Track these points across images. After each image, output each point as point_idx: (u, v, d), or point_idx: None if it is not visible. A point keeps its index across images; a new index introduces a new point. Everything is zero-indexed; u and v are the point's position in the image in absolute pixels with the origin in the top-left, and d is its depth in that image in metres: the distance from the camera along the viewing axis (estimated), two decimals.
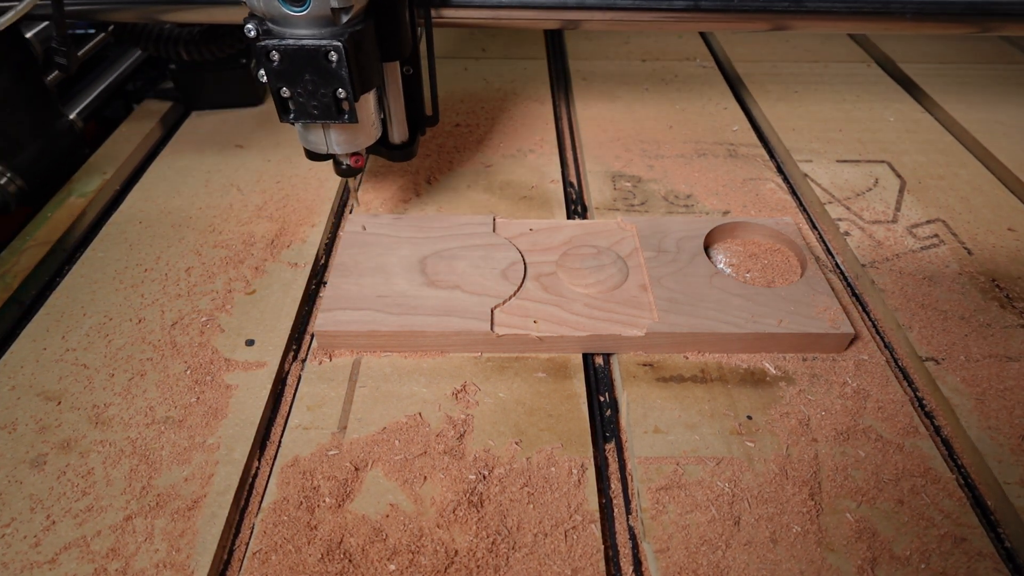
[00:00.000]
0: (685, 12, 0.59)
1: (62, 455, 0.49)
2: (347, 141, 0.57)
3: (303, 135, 0.57)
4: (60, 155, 0.81)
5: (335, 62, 0.49)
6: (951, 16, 0.60)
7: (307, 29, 0.49)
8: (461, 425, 0.51)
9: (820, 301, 0.58)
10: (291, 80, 0.50)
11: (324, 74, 0.50)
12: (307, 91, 0.51)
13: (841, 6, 0.60)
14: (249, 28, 0.49)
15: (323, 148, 0.57)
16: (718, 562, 0.43)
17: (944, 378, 0.55)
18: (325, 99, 0.51)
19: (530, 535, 0.45)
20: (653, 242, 0.65)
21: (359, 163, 0.60)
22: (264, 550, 0.44)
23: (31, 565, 0.43)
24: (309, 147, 0.58)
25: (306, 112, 0.52)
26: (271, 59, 0.49)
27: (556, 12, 0.61)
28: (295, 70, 0.50)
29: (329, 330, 0.56)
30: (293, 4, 0.47)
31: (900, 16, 0.60)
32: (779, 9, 0.60)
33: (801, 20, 0.61)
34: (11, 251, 0.68)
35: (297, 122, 0.54)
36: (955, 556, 0.44)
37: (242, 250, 0.68)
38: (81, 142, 0.84)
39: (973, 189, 0.77)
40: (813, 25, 0.61)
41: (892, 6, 0.60)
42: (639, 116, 0.92)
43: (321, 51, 0.48)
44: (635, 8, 0.59)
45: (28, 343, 0.58)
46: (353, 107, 0.52)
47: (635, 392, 0.54)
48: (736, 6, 0.59)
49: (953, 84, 0.99)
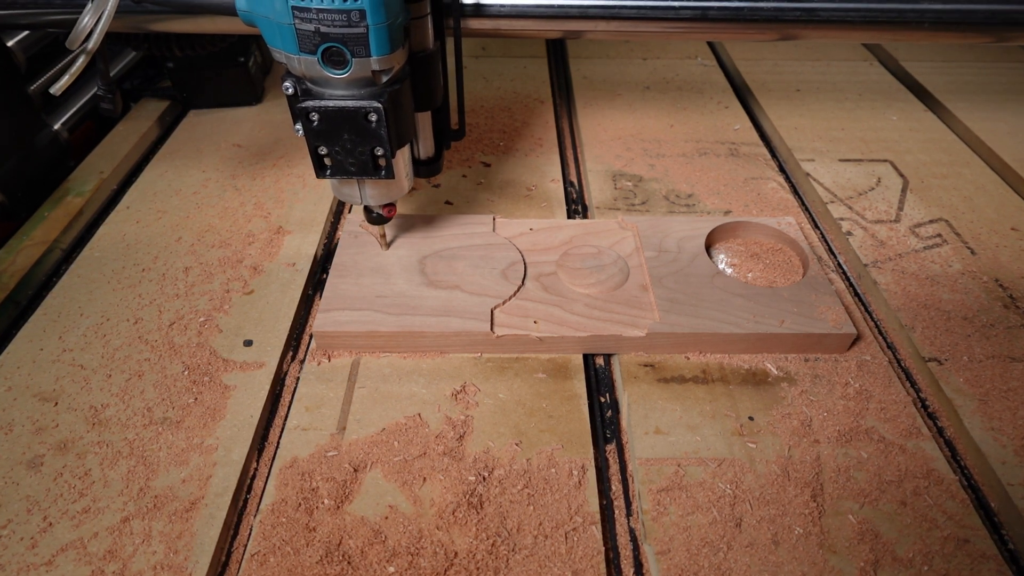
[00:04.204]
0: (693, 21, 0.58)
1: (59, 456, 0.49)
2: (381, 195, 0.57)
3: (336, 187, 0.57)
4: (43, 167, 0.77)
5: (375, 122, 0.49)
6: (971, 25, 0.58)
7: (347, 90, 0.48)
8: (461, 426, 0.51)
9: (822, 301, 0.58)
10: (329, 139, 0.50)
11: (363, 133, 0.49)
12: (345, 149, 0.51)
13: (855, 15, 0.57)
14: (287, 86, 0.49)
15: (357, 201, 0.57)
16: (719, 564, 0.43)
17: (947, 379, 0.55)
18: (363, 157, 0.51)
19: (530, 537, 0.45)
20: (654, 242, 0.64)
21: (391, 213, 0.59)
22: (262, 552, 0.44)
23: (28, 567, 0.43)
24: (342, 199, 0.58)
25: (343, 169, 0.52)
26: (311, 120, 0.49)
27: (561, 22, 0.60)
28: (334, 130, 0.49)
29: (328, 330, 0.56)
30: (335, 67, 0.47)
31: (917, 25, 0.58)
32: (791, 18, 0.58)
33: (813, 29, 0.59)
34: (8, 250, 0.68)
35: (334, 178, 0.54)
36: (958, 558, 0.44)
37: (240, 250, 0.68)
38: (66, 153, 0.81)
39: (976, 188, 0.77)
40: (826, 34, 0.59)
41: (908, 15, 0.57)
42: (640, 115, 0.92)
43: (361, 112, 0.48)
44: (644, 18, 0.58)
45: (25, 343, 0.58)
46: (390, 163, 0.52)
47: (636, 393, 0.54)
48: (746, 15, 0.57)
49: (956, 83, 0.98)
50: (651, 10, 0.58)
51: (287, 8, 0.44)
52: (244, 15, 0.48)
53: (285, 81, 0.49)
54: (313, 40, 0.45)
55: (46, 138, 0.79)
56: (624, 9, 0.57)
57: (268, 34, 0.47)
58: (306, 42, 0.46)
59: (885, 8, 0.57)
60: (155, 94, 0.94)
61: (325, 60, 0.47)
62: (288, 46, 0.47)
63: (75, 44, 0.51)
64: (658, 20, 0.58)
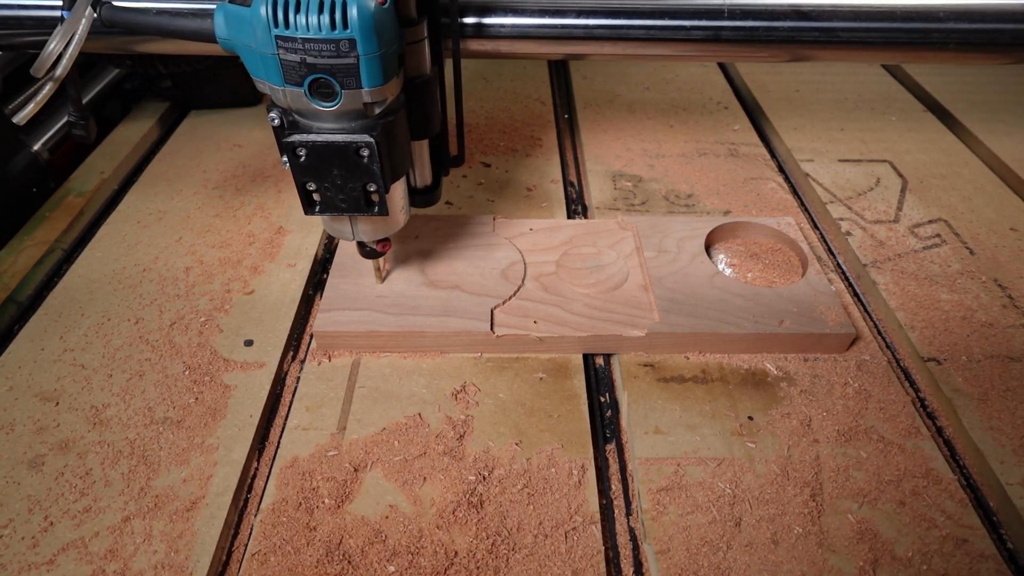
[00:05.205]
0: (705, 43, 0.54)
1: (60, 456, 0.49)
2: (375, 231, 0.53)
3: (327, 222, 0.54)
4: (21, 190, 0.73)
5: (366, 157, 0.45)
6: (998, 47, 0.54)
7: (336, 123, 0.45)
8: (461, 426, 0.51)
9: (822, 301, 0.58)
10: (318, 175, 0.47)
11: (354, 168, 0.46)
12: (335, 185, 0.47)
13: (877, 36, 0.53)
14: (273, 117, 0.45)
15: (349, 237, 0.54)
16: (719, 563, 0.43)
17: (946, 378, 0.55)
18: (354, 193, 0.48)
19: (530, 536, 0.45)
20: (654, 242, 0.64)
21: (386, 248, 0.56)
22: (263, 551, 0.44)
23: (29, 566, 0.43)
24: (333, 234, 0.55)
25: (333, 206, 0.49)
26: (297, 155, 0.45)
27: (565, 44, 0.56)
28: (323, 165, 0.46)
29: (328, 330, 0.56)
30: (323, 99, 0.43)
31: (942, 47, 0.54)
32: (809, 39, 0.54)
33: (833, 51, 0.55)
34: (9, 250, 0.68)
35: (323, 215, 0.50)
36: (957, 557, 0.44)
37: (241, 250, 0.68)
38: (47, 175, 0.77)
39: (975, 189, 0.77)
40: (846, 56, 0.55)
41: (933, 35, 0.53)
42: (639, 115, 0.92)
43: (352, 147, 0.45)
44: (653, 39, 0.55)
45: (26, 343, 0.58)
46: (384, 199, 0.48)
47: (636, 393, 0.54)
48: (761, 36, 0.53)
49: (955, 83, 0.98)
50: (661, 31, 0.54)
51: (270, 37, 0.41)
52: (224, 43, 0.44)
53: (271, 112, 0.45)
54: (299, 71, 0.42)
55: (24, 160, 0.75)
56: (632, 30, 0.54)
57: (250, 64, 0.43)
58: (291, 73, 0.42)
59: (908, 28, 0.54)
60: (156, 95, 0.94)
61: (312, 92, 0.43)
62: (272, 77, 0.43)
63: (40, 72, 0.48)
64: (668, 42, 0.55)
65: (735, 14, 0.54)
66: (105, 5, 0.49)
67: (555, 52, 0.56)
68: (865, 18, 0.54)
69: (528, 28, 0.55)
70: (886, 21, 0.54)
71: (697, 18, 0.54)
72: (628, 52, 0.56)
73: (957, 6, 0.54)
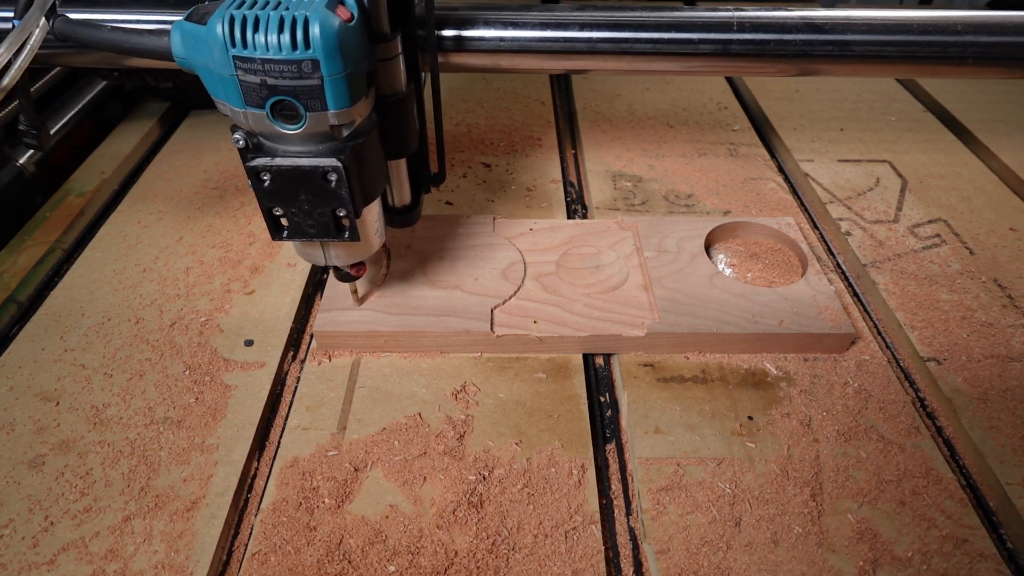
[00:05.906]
0: (713, 57, 0.51)
1: (60, 456, 0.49)
2: (348, 255, 0.51)
3: (298, 247, 0.51)
4: (5, 206, 0.72)
5: (334, 182, 0.43)
6: (1018, 61, 0.51)
7: (302, 146, 0.43)
8: (461, 426, 0.51)
9: (821, 301, 0.58)
10: (284, 200, 0.44)
11: (321, 194, 0.44)
12: (302, 210, 0.45)
13: (893, 50, 0.51)
14: (237, 139, 0.43)
15: (321, 262, 0.51)
16: (719, 563, 0.43)
17: (946, 378, 0.55)
18: (323, 218, 0.45)
19: (530, 536, 0.45)
20: (654, 242, 0.64)
21: (360, 272, 0.54)
22: (263, 551, 0.44)
23: (29, 566, 0.43)
24: (305, 259, 0.52)
25: (302, 231, 0.46)
26: (261, 179, 0.43)
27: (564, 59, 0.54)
28: (288, 189, 0.44)
29: (328, 330, 0.56)
30: (287, 122, 0.41)
31: (960, 61, 0.51)
32: (822, 53, 0.51)
33: (846, 65, 0.52)
34: (9, 250, 0.68)
35: (291, 240, 0.48)
36: (956, 557, 0.44)
37: (241, 250, 0.68)
38: (32, 190, 0.74)
39: (975, 189, 0.77)
40: (860, 71, 0.53)
41: (951, 49, 0.51)
42: (639, 115, 0.92)
43: (318, 171, 0.42)
44: (659, 54, 0.52)
45: (26, 343, 0.58)
46: (354, 224, 0.46)
47: (636, 392, 0.54)
48: (772, 50, 0.50)
49: (955, 83, 0.98)
50: (667, 44, 0.52)
51: (228, 58, 0.38)
52: (182, 62, 0.42)
53: (235, 134, 0.43)
54: (260, 93, 0.40)
55: (8, 174, 0.73)
56: (637, 43, 0.52)
57: (210, 85, 0.41)
58: (252, 95, 0.40)
59: (925, 41, 0.51)
60: (156, 95, 0.94)
61: (275, 115, 0.41)
62: (232, 99, 0.41)
63: None
64: (675, 56, 0.52)
65: (745, 27, 0.51)
66: (60, 18, 0.47)
67: (554, 67, 0.54)
68: (880, 31, 0.51)
69: (524, 41, 0.52)
70: (902, 34, 0.51)
71: (705, 31, 0.52)
72: (633, 68, 0.53)
73: (975, 18, 0.52)
